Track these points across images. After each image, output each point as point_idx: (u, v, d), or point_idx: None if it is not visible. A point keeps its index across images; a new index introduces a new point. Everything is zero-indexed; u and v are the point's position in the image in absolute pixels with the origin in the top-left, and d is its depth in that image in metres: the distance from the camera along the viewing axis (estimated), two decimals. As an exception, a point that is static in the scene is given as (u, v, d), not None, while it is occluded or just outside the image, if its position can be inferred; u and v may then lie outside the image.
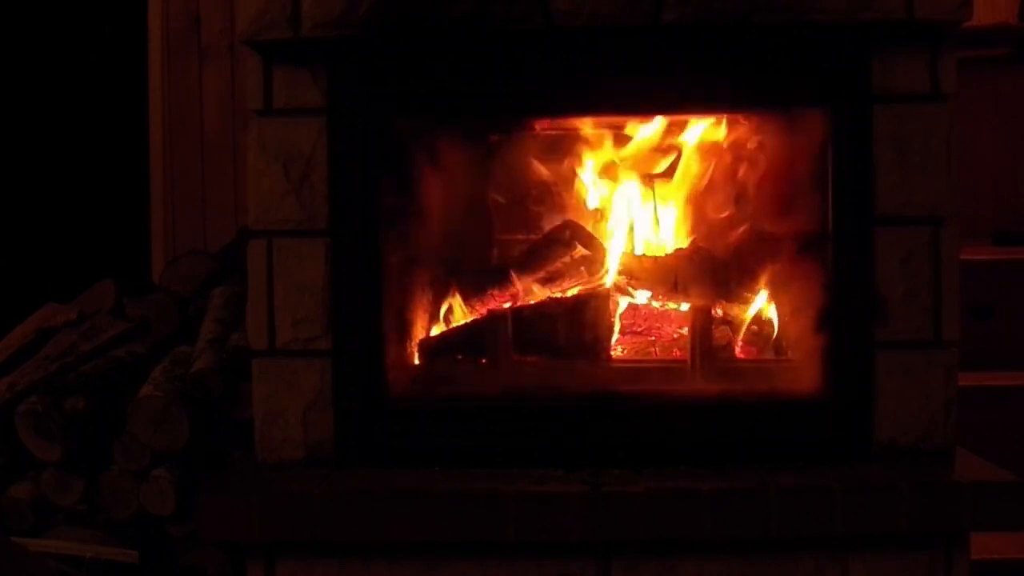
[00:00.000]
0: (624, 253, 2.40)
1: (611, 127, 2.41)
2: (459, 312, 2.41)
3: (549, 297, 2.39)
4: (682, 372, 2.23)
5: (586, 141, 2.43)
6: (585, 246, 2.39)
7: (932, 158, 2.08)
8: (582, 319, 2.27)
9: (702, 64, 2.11)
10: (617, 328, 2.35)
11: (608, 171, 2.45)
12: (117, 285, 2.91)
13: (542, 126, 2.41)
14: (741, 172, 2.37)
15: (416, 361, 2.29)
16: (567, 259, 2.40)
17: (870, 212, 2.09)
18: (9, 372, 2.59)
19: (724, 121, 2.35)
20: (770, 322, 2.33)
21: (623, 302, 2.39)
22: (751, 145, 2.34)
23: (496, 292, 2.41)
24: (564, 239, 2.40)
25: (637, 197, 2.46)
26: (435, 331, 2.36)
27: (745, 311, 2.34)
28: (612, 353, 2.31)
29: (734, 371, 2.23)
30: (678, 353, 2.33)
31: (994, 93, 3.61)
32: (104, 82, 3.79)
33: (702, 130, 2.37)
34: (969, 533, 2.02)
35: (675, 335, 2.38)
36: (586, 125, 2.39)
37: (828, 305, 2.11)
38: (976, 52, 3.33)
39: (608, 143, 2.43)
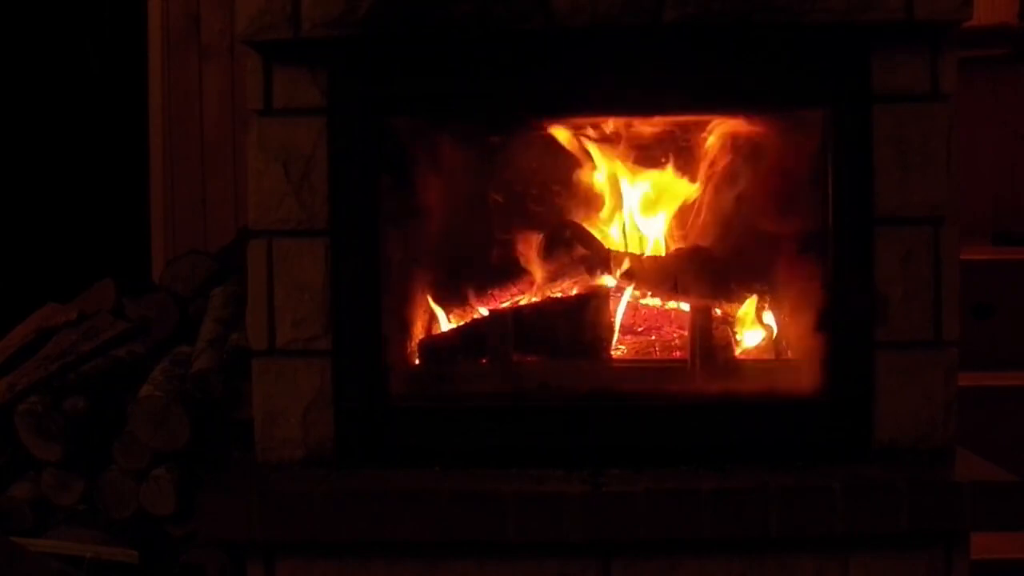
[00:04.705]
0: (624, 253, 2.40)
1: (611, 127, 2.41)
2: (459, 312, 2.41)
3: (549, 297, 2.39)
4: (682, 372, 2.23)
5: (586, 141, 2.42)
6: (585, 246, 2.39)
7: (932, 158, 2.08)
8: (582, 319, 2.27)
9: (703, 64, 2.11)
10: (617, 328, 2.34)
11: (609, 171, 2.45)
12: (117, 285, 2.91)
13: (542, 126, 2.41)
14: (741, 172, 2.37)
15: (416, 361, 2.29)
16: (567, 259, 2.40)
17: (870, 212, 2.09)
18: (9, 372, 2.59)
19: (725, 120, 2.35)
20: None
21: (623, 302, 2.38)
22: (751, 144, 2.34)
23: (496, 292, 2.41)
24: (564, 239, 2.40)
25: (637, 197, 2.46)
26: (435, 331, 2.36)
27: (745, 311, 2.34)
28: (612, 353, 2.31)
29: (734, 371, 2.23)
30: (678, 353, 2.33)
31: (994, 93, 3.61)
32: (104, 82, 3.79)
33: (703, 129, 2.37)
34: (969, 533, 2.02)
35: (675, 335, 2.38)
36: (586, 125, 2.39)
37: (828, 305, 2.11)
38: (976, 52, 3.33)
39: (608, 143, 2.42)
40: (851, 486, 1.96)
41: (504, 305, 2.40)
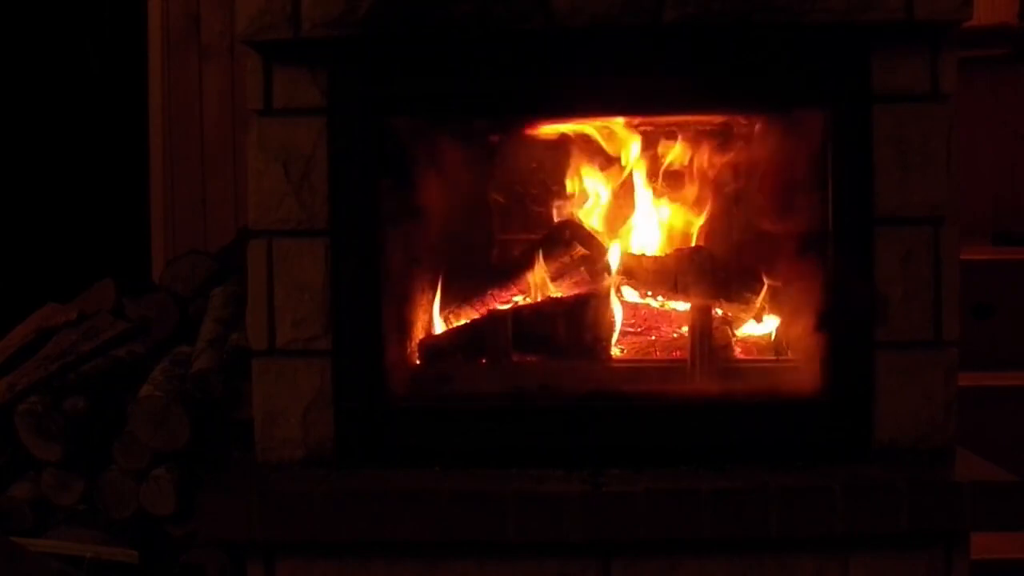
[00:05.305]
0: (624, 253, 2.40)
1: (612, 127, 2.41)
2: (459, 312, 2.41)
3: (549, 297, 2.39)
4: (682, 372, 2.23)
5: (586, 141, 2.43)
6: (585, 246, 2.39)
7: (932, 158, 2.08)
8: (582, 319, 2.27)
9: (703, 64, 2.11)
10: (617, 328, 2.34)
11: (608, 171, 2.45)
12: (117, 285, 2.91)
13: (542, 126, 2.41)
14: (741, 172, 2.37)
15: (416, 361, 2.29)
16: (567, 259, 2.40)
17: (870, 212, 2.09)
18: (9, 372, 2.59)
19: (725, 121, 2.35)
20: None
21: (623, 302, 2.38)
22: (751, 145, 2.34)
23: (496, 292, 2.41)
24: (564, 239, 2.40)
25: (637, 197, 2.46)
26: (435, 331, 2.36)
27: (745, 311, 2.34)
28: (612, 353, 2.31)
29: (734, 371, 2.23)
30: (678, 353, 2.33)
31: (994, 93, 3.61)
32: (104, 82, 3.79)
33: (703, 130, 2.37)
34: (969, 533, 2.02)
35: (675, 335, 2.38)
36: (586, 125, 2.39)
37: (828, 305, 2.11)
38: (976, 52, 3.33)
39: (608, 143, 2.43)
40: (851, 486, 1.96)
41: (504, 305, 2.40)
